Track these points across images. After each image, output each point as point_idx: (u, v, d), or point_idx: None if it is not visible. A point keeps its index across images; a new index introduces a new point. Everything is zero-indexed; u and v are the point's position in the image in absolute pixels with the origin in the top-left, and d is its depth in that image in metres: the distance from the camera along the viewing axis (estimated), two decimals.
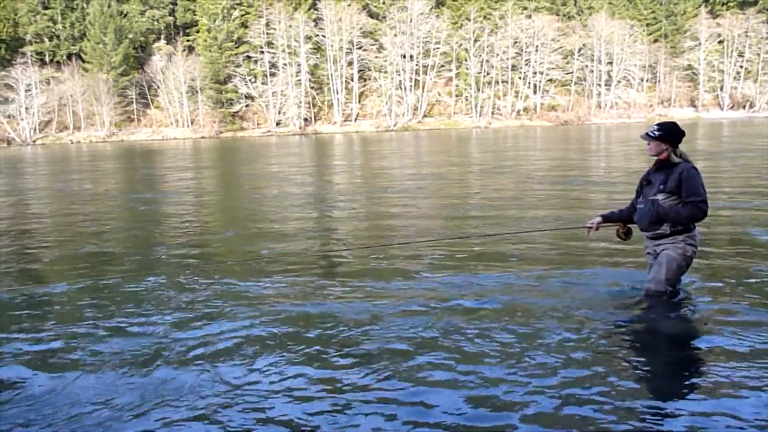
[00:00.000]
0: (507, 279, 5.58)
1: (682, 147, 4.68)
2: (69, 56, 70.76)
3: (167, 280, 5.97)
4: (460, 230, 8.40)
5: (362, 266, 6.37)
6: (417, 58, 72.59)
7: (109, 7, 69.52)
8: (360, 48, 72.41)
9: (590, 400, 3.25)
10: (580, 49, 74.68)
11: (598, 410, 3.14)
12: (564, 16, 77.68)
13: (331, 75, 71.72)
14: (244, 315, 4.76)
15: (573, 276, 5.60)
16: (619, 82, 75.65)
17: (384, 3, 74.57)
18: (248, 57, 72.01)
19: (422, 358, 3.82)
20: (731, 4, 78.82)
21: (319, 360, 3.86)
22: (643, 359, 3.89)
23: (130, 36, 70.81)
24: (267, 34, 71.05)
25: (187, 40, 73.95)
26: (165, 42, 75.80)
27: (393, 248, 7.11)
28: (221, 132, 68.98)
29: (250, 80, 71.58)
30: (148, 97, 71.15)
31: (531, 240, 7.32)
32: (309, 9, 72.73)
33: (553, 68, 74.00)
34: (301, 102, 70.69)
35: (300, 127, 69.91)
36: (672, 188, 4.49)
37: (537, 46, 73.19)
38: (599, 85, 75.28)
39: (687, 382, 3.52)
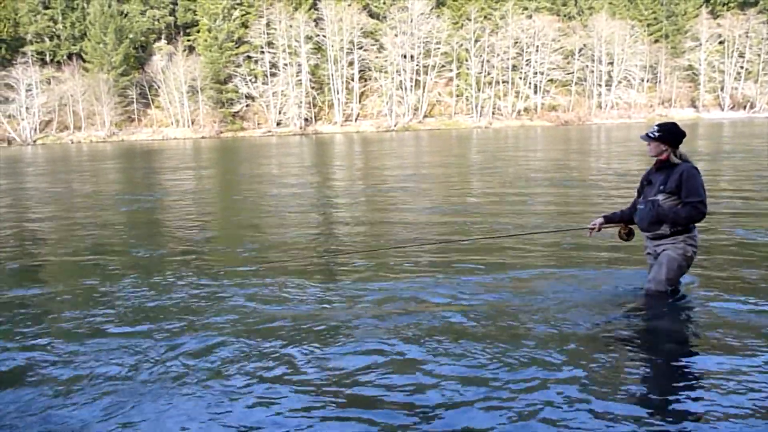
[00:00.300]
0: (504, 281, 5.50)
1: (682, 148, 4.66)
2: (69, 56, 70.88)
3: (148, 282, 5.85)
4: (457, 233, 8.30)
5: (349, 269, 6.24)
6: (417, 58, 72.61)
7: (109, 6, 69.60)
8: (360, 48, 72.45)
9: (588, 402, 3.20)
10: (580, 50, 74.68)
11: (596, 413, 3.09)
12: (564, 16, 77.69)
13: (332, 75, 71.74)
14: (220, 320, 4.64)
15: (573, 277, 5.54)
16: (619, 82, 75.66)
17: (384, 3, 74.59)
18: (249, 57, 72.05)
19: (399, 373, 3.62)
20: (732, 5, 78.80)
21: (288, 371, 3.72)
22: (643, 360, 3.86)
23: (131, 36, 70.88)
24: (267, 34, 71.08)
25: (188, 40, 74.02)
26: (165, 42, 75.87)
27: (382, 251, 6.99)
28: (222, 132, 69.02)
29: (250, 80, 71.61)
30: (149, 97, 71.22)
31: (529, 242, 7.20)
32: (309, 9, 72.76)
33: (553, 68, 74.02)
34: (301, 102, 70.71)
35: (300, 127, 69.94)
36: (672, 189, 4.49)
37: (537, 47, 73.21)
38: (600, 85, 75.30)
39: (687, 384, 3.46)
